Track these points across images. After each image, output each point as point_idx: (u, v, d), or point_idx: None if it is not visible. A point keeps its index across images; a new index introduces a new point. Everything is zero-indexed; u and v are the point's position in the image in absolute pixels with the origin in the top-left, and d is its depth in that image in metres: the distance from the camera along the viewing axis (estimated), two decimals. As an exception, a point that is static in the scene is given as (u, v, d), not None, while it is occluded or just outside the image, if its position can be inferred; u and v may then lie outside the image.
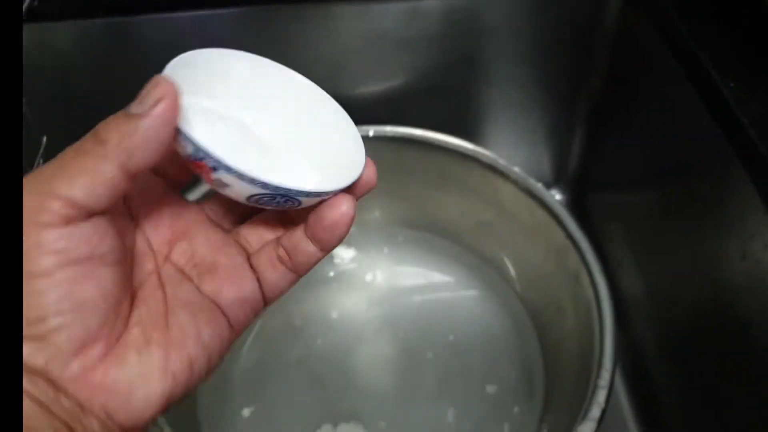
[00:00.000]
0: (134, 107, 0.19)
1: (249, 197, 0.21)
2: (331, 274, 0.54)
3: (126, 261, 0.20)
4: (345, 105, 0.54)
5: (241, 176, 0.20)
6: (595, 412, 0.34)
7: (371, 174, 0.24)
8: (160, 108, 0.19)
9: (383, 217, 0.55)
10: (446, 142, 0.48)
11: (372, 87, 0.51)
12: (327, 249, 0.23)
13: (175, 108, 0.19)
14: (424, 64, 0.50)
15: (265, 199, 0.21)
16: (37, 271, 0.18)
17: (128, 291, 0.20)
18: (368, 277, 0.54)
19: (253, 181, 0.20)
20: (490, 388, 0.47)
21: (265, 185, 0.20)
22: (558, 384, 0.44)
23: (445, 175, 0.49)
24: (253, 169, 0.20)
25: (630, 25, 0.48)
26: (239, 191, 0.21)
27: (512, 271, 0.52)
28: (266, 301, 0.24)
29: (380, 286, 0.53)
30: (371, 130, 0.48)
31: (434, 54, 0.49)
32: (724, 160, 0.37)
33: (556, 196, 0.63)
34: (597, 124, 0.56)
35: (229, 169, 0.20)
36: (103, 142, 0.18)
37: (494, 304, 0.52)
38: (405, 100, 0.52)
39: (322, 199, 0.22)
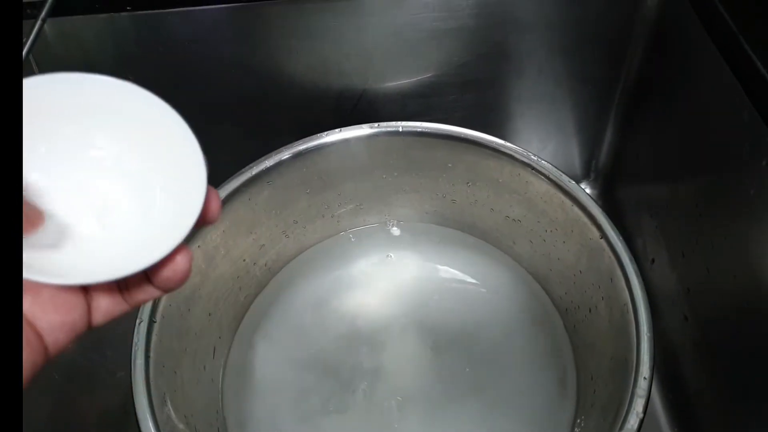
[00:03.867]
0: None
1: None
2: (360, 270, 0.54)
3: None
4: (374, 99, 0.54)
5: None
6: (633, 422, 0.33)
7: (214, 210, 0.23)
8: None
9: (412, 213, 0.55)
10: (477, 138, 0.46)
11: (402, 81, 0.50)
12: (168, 290, 0.23)
13: None
14: (455, 58, 0.49)
15: None
16: None
17: None
18: (396, 275, 0.53)
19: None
20: (521, 389, 0.47)
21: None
22: (591, 386, 0.44)
23: (475, 171, 0.48)
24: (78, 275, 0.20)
25: (670, 13, 0.46)
26: None
27: (543, 270, 0.51)
28: (91, 325, 0.23)
29: (407, 283, 0.53)
30: (401, 126, 0.47)
31: (465, 47, 0.48)
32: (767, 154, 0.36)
33: (586, 189, 0.62)
34: (630, 116, 0.55)
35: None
36: None
37: (523, 303, 0.51)
38: (435, 94, 0.51)
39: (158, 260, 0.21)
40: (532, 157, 0.46)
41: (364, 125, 0.46)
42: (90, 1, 0.42)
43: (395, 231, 0.55)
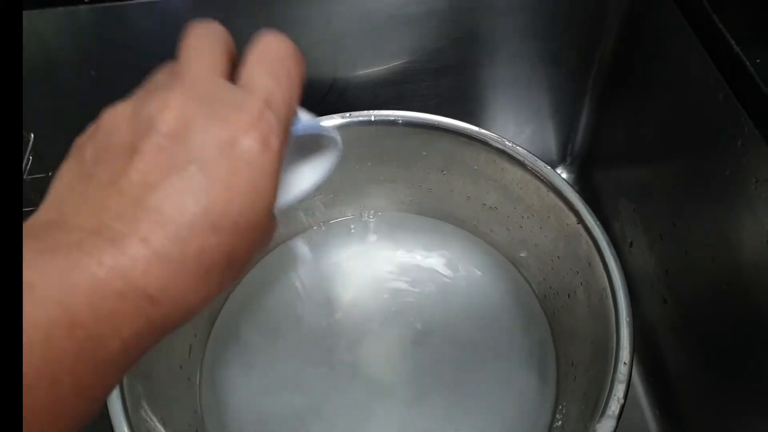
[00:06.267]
0: None
1: None
2: (336, 262, 0.53)
3: None
4: (345, 89, 0.53)
5: None
6: (614, 408, 0.33)
7: None
8: None
9: (388, 203, 0.54)
10: (450, 125, 0.46)
11: (373, 69, 0.49)
12: None
13: None
14: (427, 44, 0.48)
15: None
16: None
17: None
18: (373, 266, 0.52)
19: None
20: (501, 378, 0.46)
21: None
22: (571, 373, 0.43)
23: (450, 159, 0.48)
24: None
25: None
26: None
27: (520, 256, 0.51)
28: None
29: (386, 274, 0.52)
30: (373, 115, 0.46)
31: (437, 32, 0.47)
32: (746, 140, 0.35)
33: (563, 173, 0.62)
34: (605, 100, 0.55)
35: None
36: None
37: (502, 290, 0.51)
38: (408, 82, 0.50)
39: None
40: (507, 143, 0.45)
41: (335, 115, 0.45)
42: (44, -6, 0.40)
43: (371, 222, 0.55)
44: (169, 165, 0.19)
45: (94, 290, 0.17)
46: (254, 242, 0.21)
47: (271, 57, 0.22)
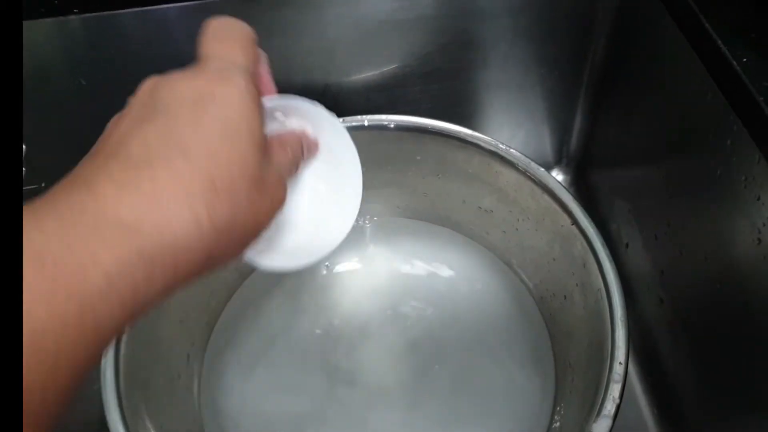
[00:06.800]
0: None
1: None
2: (331, 268, 0.53)
3: None
4: (338, 94, 0.53)
5: None
6: (610, 408, 0.33)
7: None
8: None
9: (383, 208, 0.54)
10: (443, 129, 0.46)
11: (365, 74, 0.49)
12: None
13: None
14: (418, 48, 0.48)
15: None
16: None
17: None
18: (371, 272, 0.52)
19: None
20: (500, 381, 0.46)
21: None
22: (569, 374, 0.44)
23: (445, 162, 0.48)
24: None
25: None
26: None
27: (516, 259, 0.51)
28: None
29: (383, 280, 0.52)
30: (366, 120, 0.46)
31: (429, 37, 0.48)
32: (735, 139, 0.35)
33: (558, 175, 0.62)
34: (598, 101, 0.55)
35: None
36: None
37: (499, 293, 0.51)
38: (401, 86, 0.50)
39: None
40: (501, 146, 0.45)
41: (328, 120, 0.45)
42: (35, 5, 0.40)
43: (368, 227, 0.55)
44: (141, 120, 0.22)
45: (62, 226, 0.18)
46: (242, 170, 0.22)
47: (213, 32, 0.26)
